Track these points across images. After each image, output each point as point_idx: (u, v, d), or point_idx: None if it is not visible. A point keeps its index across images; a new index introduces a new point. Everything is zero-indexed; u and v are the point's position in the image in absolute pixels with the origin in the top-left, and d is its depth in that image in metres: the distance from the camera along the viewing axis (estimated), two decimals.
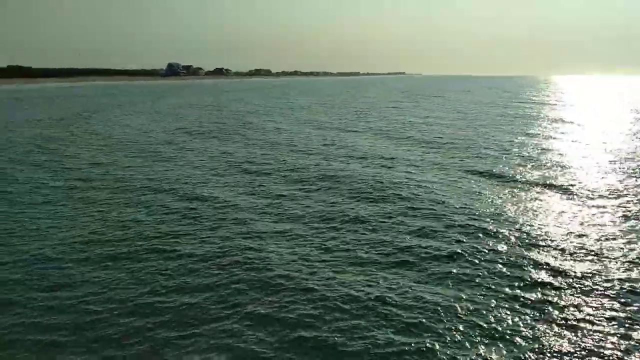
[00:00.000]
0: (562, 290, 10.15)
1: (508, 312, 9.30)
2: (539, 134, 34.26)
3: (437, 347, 8.25)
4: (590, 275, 10.80)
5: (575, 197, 17.20)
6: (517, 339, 8.45)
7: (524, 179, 19.81)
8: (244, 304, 9.77)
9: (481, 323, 8.92)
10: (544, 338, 8.47)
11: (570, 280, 10.60)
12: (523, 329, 8.73)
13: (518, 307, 9.50)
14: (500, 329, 8.75)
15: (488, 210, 15.47)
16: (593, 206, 16.03)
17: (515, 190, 18.18)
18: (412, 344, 8.33)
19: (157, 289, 10.50)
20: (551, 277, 10.75)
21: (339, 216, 15.24)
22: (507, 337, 8.52)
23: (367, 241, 13.09)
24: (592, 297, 9.86)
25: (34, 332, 8.90)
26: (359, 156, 25.78)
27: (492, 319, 9.05)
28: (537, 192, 17.89)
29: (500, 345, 8.29)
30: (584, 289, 10.21)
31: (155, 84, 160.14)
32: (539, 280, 10.64)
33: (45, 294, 10.26)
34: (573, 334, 8.58)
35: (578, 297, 9.88)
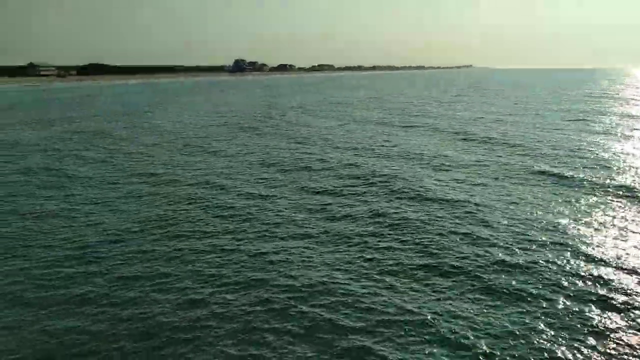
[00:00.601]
0: (632, 314, 9.33)
1: (570, 336, 8.65)
2: (616, 133, 31.97)
3: None
4: None
5: None
6: None
7: (596, 185, 18.31)
8: (292, 305, 9.87)
9: (538, 348, 8.34)
10: None
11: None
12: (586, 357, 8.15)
13: (581, 330, 8.83)
14: (561, 355, 8.16)
15: (553, 219, 14.56)
16: None
17: (586, 197, 16.92)
18: None
19: (210, 284, 10.86)
20: (620, 297, 9.88)
21: (389, 218, 14.94)
22: None
23: (418, 248, 12.68)
24: None
25: (97, 323, 9.42)
26: (414, 155, 25.21)
27: (551, 343, 8.44)
28: (610, 200, 16.57)
29: None
30: None
31: (218, 80, 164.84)
32: (606, 300, 9.80)
33: (108, 287, 10.87)
34: None
35: None
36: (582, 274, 10.90)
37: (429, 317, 9.25)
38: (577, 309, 9.45)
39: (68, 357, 8.43)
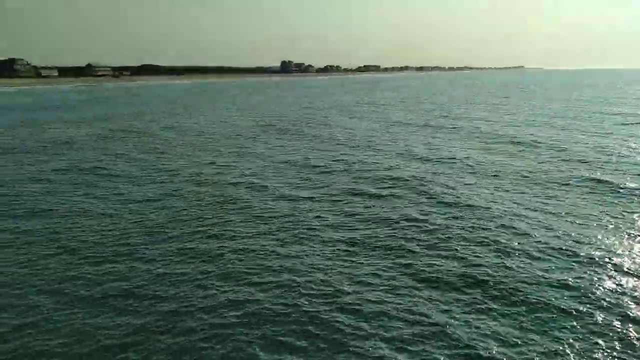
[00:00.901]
0: None
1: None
2: None
3: None
4: None
5: None
6: None
7: None
8: (327, 310, 9.88)
9: None
10: None
11: None
12: None
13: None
14: None
15: (605, 233, 13.81)
16: None
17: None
18: None
19: (248, 285, 11.06)
20: None
21: (429, 225, 14.64)
22: None
23: (458, 257, 12.31)
24: None
25: (140, 318, 9.79)
26: (458, 159, 24.59)
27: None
28: None
29: None
30: None
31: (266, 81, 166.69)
32: None
33: (152, 283, 11.28)
34: None
35: None
36: (636, 293, 10.30)
37: (468, 331, 9.01)
38: (628, 330, 8.96)
39: (114, 348, 8.83)
